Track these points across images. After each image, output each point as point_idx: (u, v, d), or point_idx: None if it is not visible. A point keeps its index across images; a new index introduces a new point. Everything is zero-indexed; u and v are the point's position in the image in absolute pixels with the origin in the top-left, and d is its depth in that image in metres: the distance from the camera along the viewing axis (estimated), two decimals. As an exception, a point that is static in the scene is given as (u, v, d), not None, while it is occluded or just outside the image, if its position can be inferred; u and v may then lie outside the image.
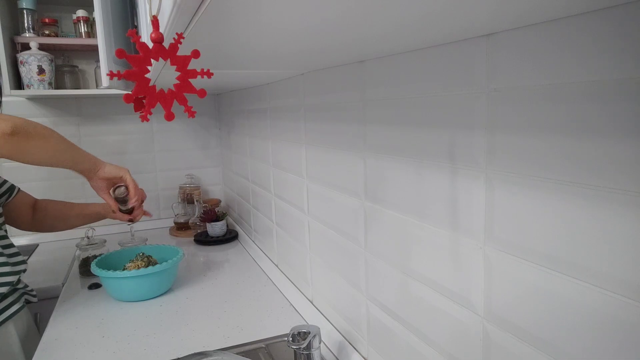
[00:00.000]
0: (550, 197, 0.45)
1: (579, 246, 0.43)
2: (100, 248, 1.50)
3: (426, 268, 0.67)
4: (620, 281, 0.39)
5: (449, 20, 0.43)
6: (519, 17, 0.42)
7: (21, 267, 1.10)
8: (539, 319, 0.48)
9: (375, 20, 0.42)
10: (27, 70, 1.65)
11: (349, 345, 0.93)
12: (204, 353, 0.77)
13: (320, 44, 0.58)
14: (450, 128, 0.59)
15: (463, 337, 0.60)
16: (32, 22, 1.72)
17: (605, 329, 0.41)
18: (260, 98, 1.44)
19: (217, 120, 2.18)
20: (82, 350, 1.01)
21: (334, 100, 0.91)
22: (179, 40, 0.40)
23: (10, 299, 1.09)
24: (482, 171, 0.54)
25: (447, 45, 0.58)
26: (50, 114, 1.91)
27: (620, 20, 0.37)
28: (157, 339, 1.05)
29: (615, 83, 0.38)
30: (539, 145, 0.46)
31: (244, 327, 1.10)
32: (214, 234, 1.83)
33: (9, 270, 1.06)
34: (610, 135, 0.39)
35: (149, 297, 1.28)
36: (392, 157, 0.72)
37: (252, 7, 0.36)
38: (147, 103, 0.40)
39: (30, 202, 1.28)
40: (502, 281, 0.52)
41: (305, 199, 1.12)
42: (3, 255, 1.06)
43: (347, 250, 0.92)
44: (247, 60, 0.76)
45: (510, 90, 0.49)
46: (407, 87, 0.67)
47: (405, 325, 0.73)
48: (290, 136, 1.19)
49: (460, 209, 0.58)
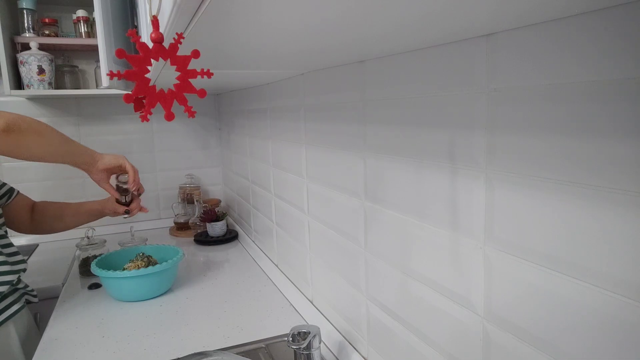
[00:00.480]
0: (550, 197, 0.45)
1: (579, 246, 0.43)
2: (100, 248, 1.50)
3: (426, 268, 0.67)
4: (620, 281, 0.39)
5: (449, 20, 0.43)
6: (519, 17, 0.42)
7: (21, 267, 1.10)
8: (539, 319, 0.48)
9: (375, 20, 0.42)
10: (27, 70, 1.65)
11: (349, 345, 0.93)
12: (204, 353, 0.77)
13: (320, 44, 0.58)
14: (450, 128, 0.59)
15: (463, 337, 0.60)
16: (32, 22, 1.72)
17: (605, 329, 0.41)
18: (260, 98, 1.44)
19: (217, 120, 2.18)
20: (82, 350, 1.01)
21: (334, 100, 0.91)
22: (179, 40, 0.40)
23: (11, 299, 1.09)
24: (482, 171, 0.54)
25: (447, 45, 0.58)
26: (50, 114, 1.91)
27: (620, 20, 0.37)
28: (157, 339, 1.05)
29: (615, 83, 0.38)
30: (539, 145, 0.46)
31: (244, 327, 1.10)
32: (214, 234, 1.83)
33: (8, 269, 1.06)
34: (610, 135, 0.39)
35: (149, 297, 1.28)
36: (392, 157, 0.72)
37: (252, 7, 0.36)
38: (147, 103, 0.40)
39: (29, 204, 1.28)
40: (502, 281, 0.52)
41: (305, 199, 1.12)
42: (2, 255, 1.06)
43: (347, 250, 0.92)
44: (247, 60, 0.76)
45: (510, 90, 0.49)
46: (407, 87, 0.67)
47: (405, 325, 0.73)
48: (290, 136, 1.19)
49: (460, 209, 0.58)
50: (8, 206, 1.20)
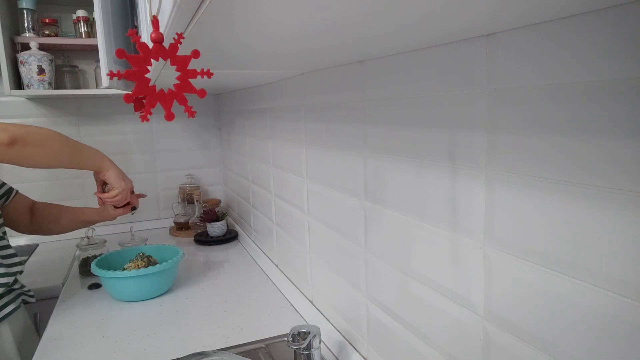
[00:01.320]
0: (550, 197, 0.45)
1: (579, 246, 0.43)
2: (100, 248, 1.50)
3: (426, 268, 0.67)
4: (620, 281, 0.39)
5: (449, 20, 0.43)
6: (519, 17, 0.42)
7: (17, 269, 1.10)
8: (539, 319, 0.48)
9: (375, 20, 0.42)
10: (27, 70, 1.65)
11: (349, 345, 0.93)
12: (204, 353, 0.77)
13: (320, 44, 0.58)
14: (450, 128, 0.59)
15: (463, 337, 0.60)
16: (32, 22, 1.72)
17: (605, 329, 0.41)
18: (260, 98, 1.44)
19: (217, 120, 2.18)
20: (82, 350, 1.01)
21: (334, 100, 0.91)
22: (179, 40, 0.40)
23: (6, 299, 1.08)
24: (482, 171, 0.54)
25: (447, 45, 0.58)
26: (50, 114, 1.91)
27: (620, 20, 0.37)
28: (157, 339, 1.05)
29: (615, 83, 0.38)
30: (539, 145, 0.46)
31: (244, 327, 1.10)
32: (214, 234, 1.83)
33: (4, 271, 1.06)
34: (610, 135, 0.39)
35: (149, 297, 1.28)
36: (392, 157, 0.72)
37: (252, 7, 0.36)
38: (147, 103, 0.40)
39: (28, 205, 1.28)
40: (502, 281, 0.52)
41: (305, 199, 1.12)
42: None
43: (347, 250, 0.92)
44: (247, 60, 0.76)
45: (510, 90, 0.49)
46: (407, 87, 0.67)
47: (405, 325, 0.73)
48: (290, 136, 1.19)
49: (460, 209, 0.58)
50: (7, 206, 1.20)
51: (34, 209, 1.29)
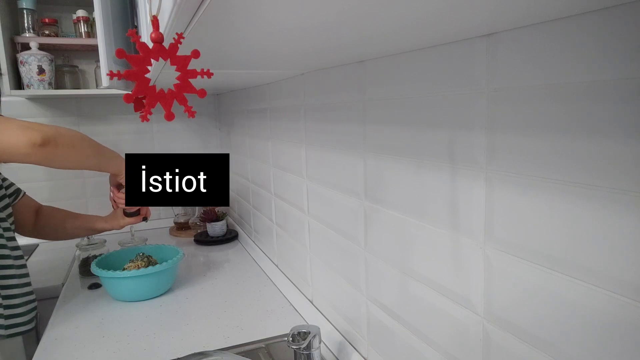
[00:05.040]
0: (550, 197, 0.45)
1: (579, 246, 0.43)
2: (100, 248, 1.50)
3: (426, 268, 0.67)
4: (620, 281, 0.39)
5: (449, 20, 0.43)
6: (519, 17, 0.42)
7: (26, 280, 1.10)
8: (539, 319, 0.48)
9: (375, 21, 0.42)
10: (27, 70, 1.65)
11: (349, 345, 0.93)
12: (204, 353, 0.77)
13: (321, 44, 0.58)
14: (450, 128, 0.59)
15: (463, 337, 0.60)
16: (32, 22, 1.72)
17: (606, 329, 0.41)
18: (260, 98, 1.44)
19: (217, 120, 2.18)
20: (82, 350, 1.01)
21: (334, 100, 0.91)
22: (179, 40, 0.40)
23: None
24: (482, 171, 0.54)
25: (447, 45, 0.58)
26: (50, 114, 1.91)
27: (620, 20, 0.37)
28: (157, 339, 1.05)
29: (615, 83, 0.38)
30: (539, 145, 0.46)
31: (244, 327, 1.10)
32: (214, 234, 1.83)
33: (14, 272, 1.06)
34: (610, 135, 0.39)
35: (149, 297, 1.28)
36: (392, 157, 0.72)
37: (253, 7, 0.36)
38: (147, 103, 0.40)
39: (35, 207, 1.27)
40: (502, 281, 0.52)
41: (305, 199, 1.12)
42: (9, 258, 1.05)
43: (347, 250, 0.92)
44: (247, 60, 0.76)
45: (510, 90, 0.49)
46: (407, 87, 0.67)
47: (405, 325, 0.73)
48: (290, 136, 1.19)
49: (460, 209, 0.58)
50: (13, 207, 1.20)
51: (39, 212, 1.27)
